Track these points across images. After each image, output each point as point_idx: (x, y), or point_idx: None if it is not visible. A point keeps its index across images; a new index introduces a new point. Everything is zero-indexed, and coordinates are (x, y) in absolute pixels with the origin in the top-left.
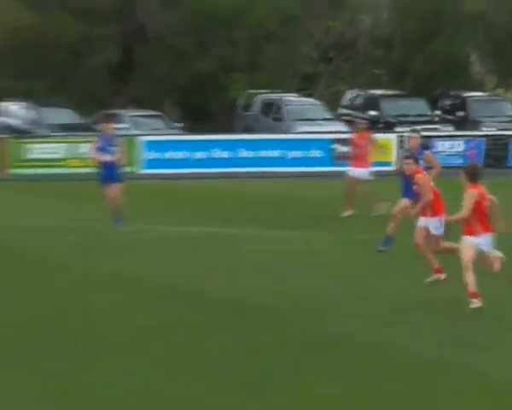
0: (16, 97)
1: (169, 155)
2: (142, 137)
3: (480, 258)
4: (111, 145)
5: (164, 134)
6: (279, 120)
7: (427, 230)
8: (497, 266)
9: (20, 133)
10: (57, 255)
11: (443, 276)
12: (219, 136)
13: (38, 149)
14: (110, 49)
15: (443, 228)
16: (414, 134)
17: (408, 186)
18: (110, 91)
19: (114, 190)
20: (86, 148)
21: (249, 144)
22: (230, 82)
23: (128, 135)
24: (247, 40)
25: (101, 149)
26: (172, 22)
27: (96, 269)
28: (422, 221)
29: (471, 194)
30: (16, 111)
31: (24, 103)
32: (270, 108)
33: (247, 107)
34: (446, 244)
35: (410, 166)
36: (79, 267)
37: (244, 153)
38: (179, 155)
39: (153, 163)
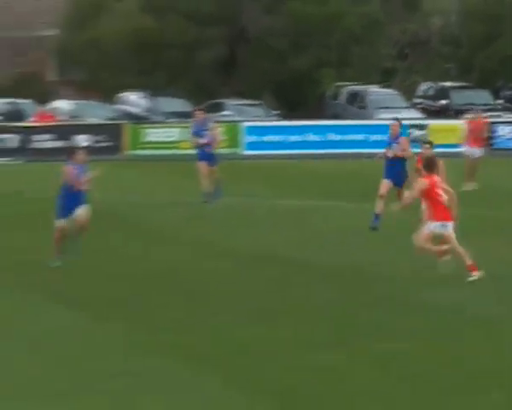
0: (137, 89)
1: (267, 138)
2: (244, 123)
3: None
4: (204, 130)
5: (263, 120)
6: (363, 108)
7: None
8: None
9: (138, 119)
10: (169, 226)
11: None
12: (311, 122)
13: (154, 134)
14: (217, 47)
15: None
16: (394, 122)
17: (390, 169)
18: (217, 83)
19: (209, 168)
20: None
21: (337, 129)
22: (321, 76)
23: (232, 121)
24: (337, 42)
25: (196, 133)
26: (272, 26)
27: (203, 239)
28: None
29: (421, 182)
30: (135, 100)
31: (142, 94)
32: (355, 98)
33: (335, 97)
34: None
35: (428, 151)
36: (189, 237)
37: (333, 136)
38: (276, 138)
39: (253, 145)
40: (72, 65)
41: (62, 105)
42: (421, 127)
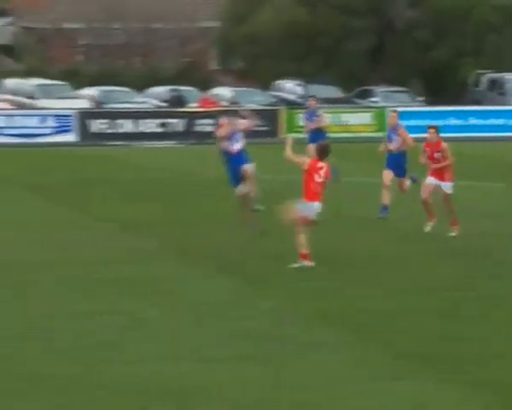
0: (290, 76)
1: (412, 122)
2: (390, 108)
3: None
4: (315, 116)
5: (408, 106)
6: (502, 94)
7: (435, 188)
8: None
9: (292, 105)
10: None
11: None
12: (454, 107)
13: None
14: (366, 37)
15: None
16: (393, 113)
17: (391, 160)
18: (366, 71)
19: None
20: (346, 117)
21: (478, 114)
22: (462, 65)
23: (380, 107)
24: (473, 33)
25: (308, 119)
26: (416, 18)
27: (357, 214)
28: (433, 180)
29: (304, 162)
30: (289, 87)
31: (296, 81)
32: (495, 85)
33: (476, 84)
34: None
35: (433, 136)
36: (342, 212)
37: (474, 121)
38: (421, 123)
39: None
40: (232, 55)
41: (223, 92)
42: None
